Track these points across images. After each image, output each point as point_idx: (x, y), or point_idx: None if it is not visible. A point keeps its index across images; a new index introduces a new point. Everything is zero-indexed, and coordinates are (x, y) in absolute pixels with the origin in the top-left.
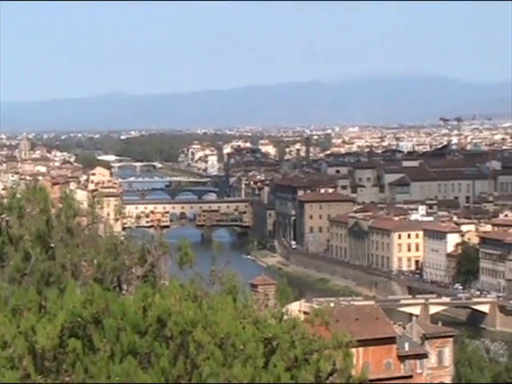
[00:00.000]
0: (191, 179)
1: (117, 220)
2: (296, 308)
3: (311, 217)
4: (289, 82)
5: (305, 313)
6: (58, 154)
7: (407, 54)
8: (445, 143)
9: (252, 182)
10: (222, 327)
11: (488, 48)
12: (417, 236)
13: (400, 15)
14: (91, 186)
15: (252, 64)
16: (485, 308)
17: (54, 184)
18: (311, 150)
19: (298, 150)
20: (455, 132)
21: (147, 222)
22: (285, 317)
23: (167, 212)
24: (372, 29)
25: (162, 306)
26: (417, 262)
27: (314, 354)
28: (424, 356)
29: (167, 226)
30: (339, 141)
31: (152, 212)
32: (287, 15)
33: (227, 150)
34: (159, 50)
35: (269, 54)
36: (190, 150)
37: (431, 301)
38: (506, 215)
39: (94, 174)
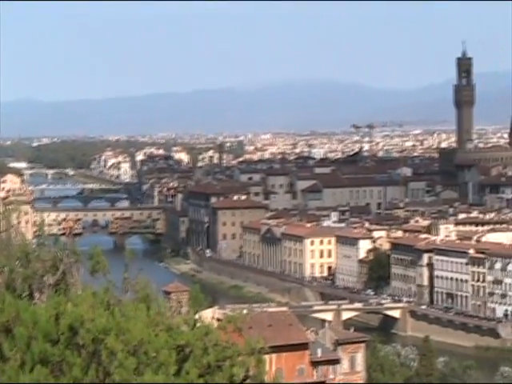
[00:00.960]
0: (104, 186)
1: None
2: (209, 315)
3: (224, 224)
4: (202, 88)
5: (218, 320)
6: None
7: (321, 61)
8: (356, 150)
9: (165, 189)
10: (134, 335)
11: (401, 55)
12: (329, 242)
13: (315, 22)
14: (2, 194)
15: (166, 71)
16: (396, 313)
17: None
18: (224, 156)
19: (211, 156)
20: (367, 139)
21: (59, 229)
22: (198, 324)
23: (79, 219)
24: (286, 36)
25: (74, 314)
26: (329, 268)
27: (227, 361)
28: (336, 361)
29: (80, 234)
30: (252, 148)
31: (64, 219)
32: (201, 22)
33: (140, 156)
34: (70, 55)
35: (182, 60)
36: (103, 157)
37: (343, 307)
38: (416, 221)
39: (4, 182)
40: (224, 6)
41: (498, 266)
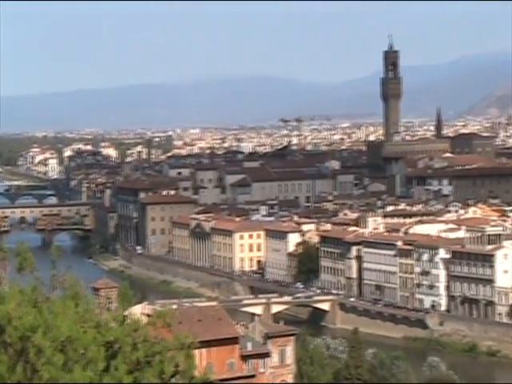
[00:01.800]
0: (31, 183)
1: None
2: (138, 311)
3: (153, 219)
4: (130, 84)
5: (147, 315)
6: None
7: (249, 56)
8: (285, 144)
9: (93, 185)
10: (62, 331)
11: (329, 49)
12: (258, 236)
13: (243, 17)
14: None
15: (93, 66)
16: (325, 306)
17: None
18: (152, 152)
19: (140, 152)
20: (295, 133)
21: None
22: (127, 320)
23: (7, 217)
24: (214, 31)
25: (0, 312)
26: (259, 262)
27: (156, 356)
28: (266, 355)
29: (7, 231)
30: (180, 142)
31: None
32: (128, 17)
33: (68, 153)
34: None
35: (110, 56)
36: (30, 154)
37: (273, 300)
38: (345, 214)
39: None
40: (150, 3)
41: (425, 257)
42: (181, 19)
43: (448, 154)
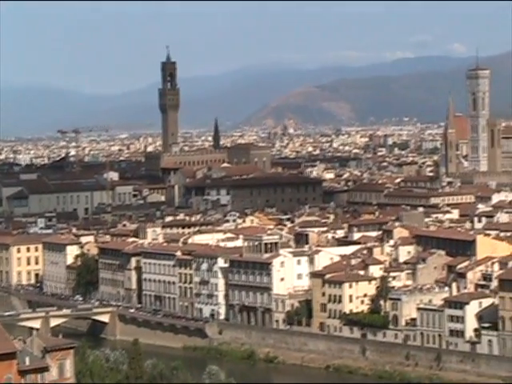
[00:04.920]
0: None
1: None
2: None
3: None
4: None
5: None
6: None
7: (27, 66)
8: (63, 155)
9: None
10: None
11: (106, 61)
12: (36, 249)
13: (22, 25)
14: None
15: None
16: (105, 318)
17: None
18: None
19: None
20: (73, 144)
21: None
22: None
23: None
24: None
25: None
26: (37, 275)
27: None
28: (45, 369)
29: None
30: None
31: None
32: None
33: None
34: None
35: None
36: None
37: (52, 313)
38: (124, 225)
39: None
40: None
41: (204, 266)
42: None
43: (226, 164)
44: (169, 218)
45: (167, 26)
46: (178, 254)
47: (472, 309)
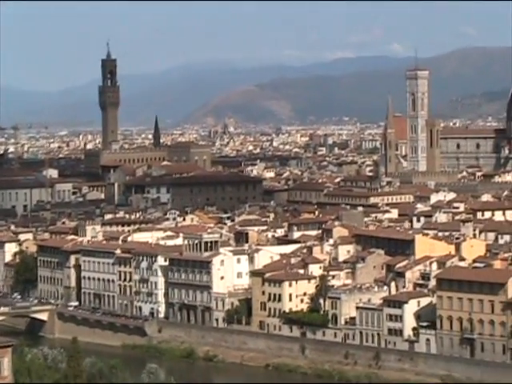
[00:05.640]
0: None
1: None
2: None
3: None
4: None
5: None
6: None
7: None
8: (1, 152)
9: None
10: None
11: (45, 57)
12: None
13: None
14: None
15: None
16: (44, 316)
17: None
18: None
19: None
20: (12, 140)
21: None
22: None
23: None
24: None
25: None
26: None
27: None
28: None
29: None
30: None
31: None
32: None
33: None
34: None
35: None
36: None
37: None
38: (63, 223)
39: None
40: None
41: (143, 265)
42: None
43: (166, 163)
44: (108, 216)
45: (108, 23)
46: (118, 252)
47: (410, 308)
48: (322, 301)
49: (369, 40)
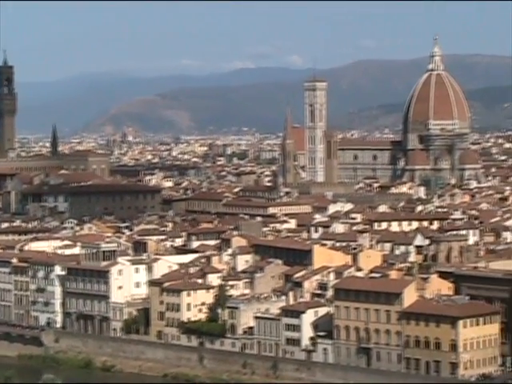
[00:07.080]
0: None
1: None
2: None
3: None
4: None
5: None
6: None
7: None
8: None
9: None
10: None
11: None
12: None
13: None
14: None
15: None
16: None
17: None
18: None
19: None
20: None
21: None
22: None
23: None
24: None
25: None
26: None
27: None
28: None
29: None
30: None
31: None
32: None
33: None
34: None
35: None
36: None
37: None
38: None
39: None
40: None
41: (40, 274)
42: None
43: (64, 171)
44: (5, 225)
45: (4, 30)
46: (14, 261)
47: (308, 318)
48: (220, 310)
49: (270, 51)
